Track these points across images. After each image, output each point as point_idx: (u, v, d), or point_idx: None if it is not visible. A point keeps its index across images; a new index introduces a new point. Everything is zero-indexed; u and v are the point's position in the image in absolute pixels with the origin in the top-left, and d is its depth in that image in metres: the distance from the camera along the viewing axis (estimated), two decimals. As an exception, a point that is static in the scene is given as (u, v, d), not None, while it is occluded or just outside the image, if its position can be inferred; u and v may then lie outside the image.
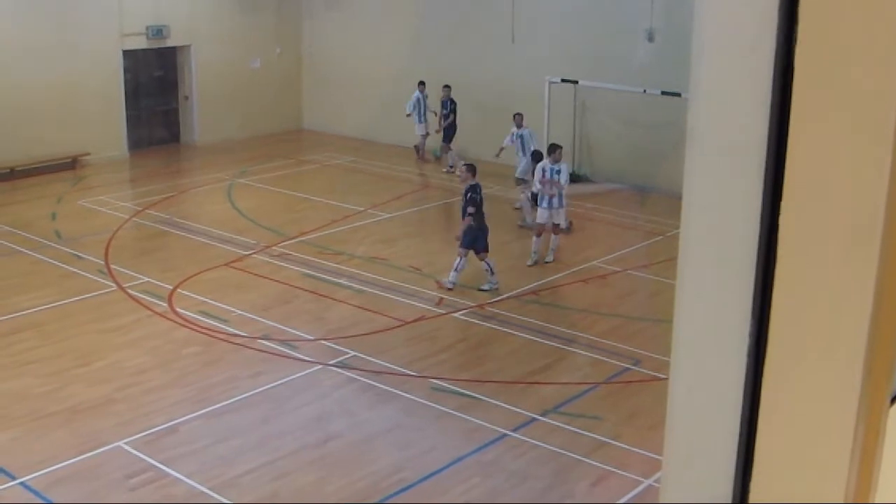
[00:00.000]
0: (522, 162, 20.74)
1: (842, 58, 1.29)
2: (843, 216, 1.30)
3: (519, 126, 20.96)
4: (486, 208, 16.53)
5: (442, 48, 25.99)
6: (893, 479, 1.41)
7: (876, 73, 1.27)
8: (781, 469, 1.40)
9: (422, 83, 25.01)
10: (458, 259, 16.14)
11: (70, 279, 16.69)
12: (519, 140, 20.81)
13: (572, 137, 23.47)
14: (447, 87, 24.58)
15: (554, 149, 17.82)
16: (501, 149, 21.49)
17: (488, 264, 16.19)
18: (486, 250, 16.22)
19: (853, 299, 1.30)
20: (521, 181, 20.72)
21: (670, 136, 20.86)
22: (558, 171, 17.55)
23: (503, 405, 12.38)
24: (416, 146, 25.51)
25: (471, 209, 16.10)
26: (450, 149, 24.35)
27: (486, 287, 16.19)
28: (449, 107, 24.47)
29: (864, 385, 1.31)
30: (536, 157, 19.79)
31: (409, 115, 24.96)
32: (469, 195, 16.21)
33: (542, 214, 17.54)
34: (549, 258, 17.51)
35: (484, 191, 16.77)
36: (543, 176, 17.50)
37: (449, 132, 24.46)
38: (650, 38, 21.95)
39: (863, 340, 1.30)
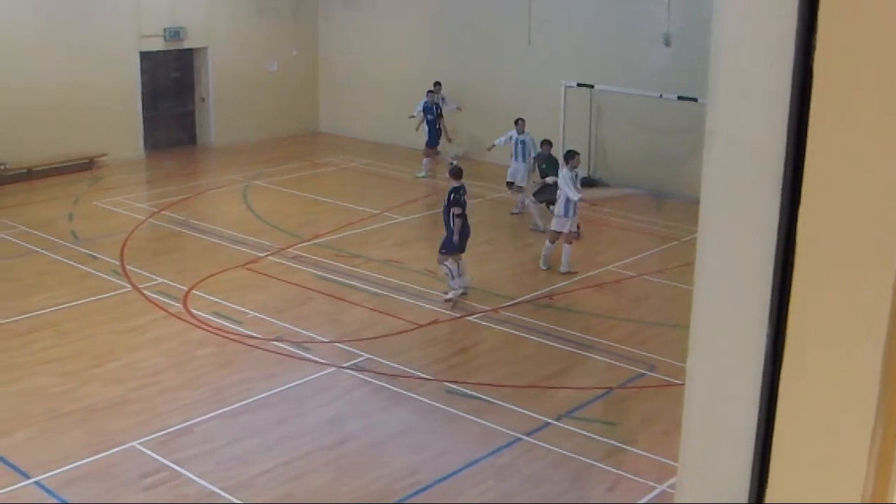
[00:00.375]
0: (521, 168, 20.76)
1: (861, 63, 1.29)
2: (862, 221, 1.30)
3: (521, 132, 20.93)
4: (478, 212, 16.42)
5: (458, 51, 25.99)
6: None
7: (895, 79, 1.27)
8: (798, 472, 1.39)
9: (437, 83, 25.01)
10: (455, 264, 16.15)
11: (86, 279, 16.75)
12: (521, 146, 20.78)
13: (588, 142, 23.45)
14: (432, 91, 24.58)
15: (573, 155, 17.65)
16: (493, 145, 21.72)
17: (448, 268, 16.01)
18: (460, 252, 16.14)
19: (872, 304, 1.30)
20: (519, 188, 20.73)
21: (686, 140, 20.83)
22: (576, 177, 17.47)
23: (517, 409, 12.37)
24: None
25: (456, 210, 15.97)
26: (437, 152, 24.32)
27: (450, 296, 15.94)
28: (435, 111, 24.41)
29: (882, 387, 1.31)
30: (545, 146, 19.87)
31: (412, 117, 24.90)
32: (452, 196, 16.07)
33: (563, 223, 17.37)
34: (568, 268, 17.36)
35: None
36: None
37: (434, 135, 24.45)
38: (667, 43, 21.91)
39: (881, 342, 1.30)
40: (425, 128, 24.40)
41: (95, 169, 24.76)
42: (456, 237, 15.96)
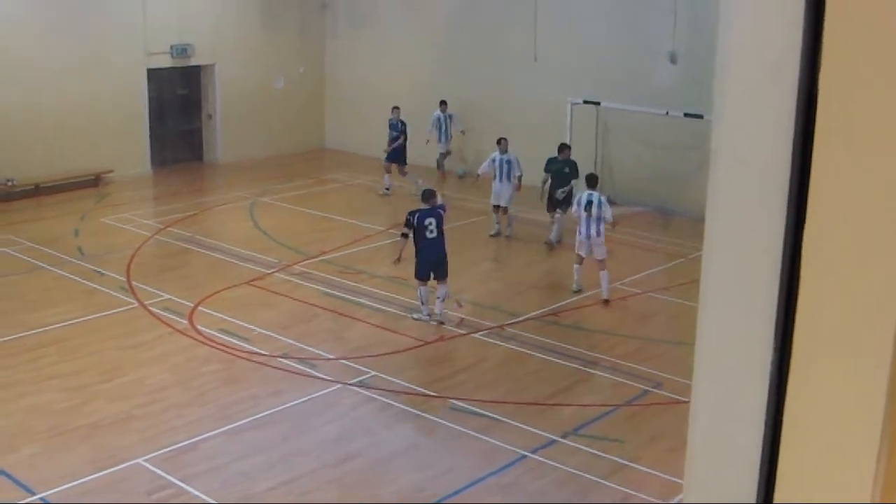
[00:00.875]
0: (507, 188, 20.29)
1: (867, 80, 1.29)
2: (867, 237, 1.31)
3: (504, 152, 20.46)
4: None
5: (464, 68, 26.06)
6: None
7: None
8: (807, 475, 1.40)
9: (443, 102, 25.11)
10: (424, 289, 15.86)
11: (92, 296, 16.77)
12: (506, 165, 20.29)
13: (594, 159, 23.46)
14: (396, 108, 24.51)
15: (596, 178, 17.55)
16: (478, 175, 21.22)
17: (420, 294, 15.78)
18: (425, 279, 15.79)
19: (878, 319, 1.30)
20: (504, 209, 20.35)
21: (693, 158, 20.84)
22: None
23: (523, 426, 12.35)
24: (437, 163, 25.59)
25: (404, 230, 15.86)
26: (405, 172, 24.20)
27: (414, 315, 15.80)
28: (399, 128, 24.36)
29: (889, 399, 1.31)
30: (565, 151, 20.04)
31: (427, 142, 24.97)
32: (406, 218, 15.90)
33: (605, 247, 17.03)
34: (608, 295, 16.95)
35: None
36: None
37: (397, 154, 24.27)
38: (673, 60, 21.93)
39: (888, 354, 1.30)
40: (390, 144, 24.37)
41: (102, 185, 24.81)
42: (399, 260, 15.90)
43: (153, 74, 26.18)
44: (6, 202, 22.83)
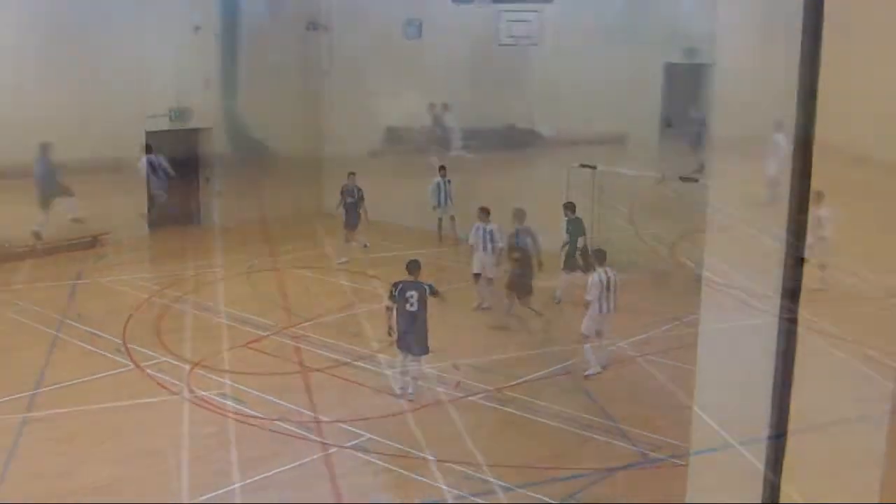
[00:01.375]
0: (489, 259, 19.99)
1: (858, 138, 1.33)
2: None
3: (486, 222, 20.13)
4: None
5: (461, 131, 26.23)
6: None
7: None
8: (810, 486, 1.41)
9: (442, 167, 25.22)
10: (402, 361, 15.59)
11: (88, 357, 16.72)
12: (488, 236, 20.01)
13: (590, 222, 23.49)
14: (352, 174, 24.28)
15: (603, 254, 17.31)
16: (471, 245, 20.61)
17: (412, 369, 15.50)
18: (414, 353, 15.41)
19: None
20: (488, 279, 20.01)
21: (687, 220, 20.87)
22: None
23: (520, 490, 12.27)
24: (438, 228, 25.69)
25: (386, 303, 15.52)
26: (355, 237, 24.18)
27: (409, 390, 15.38)
28: (356, 194, 24.26)
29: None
30: (570, 210, 20.38)
31: (435, 208, 25.14)
32: (390, 290, 15.54)
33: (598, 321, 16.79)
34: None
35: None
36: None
37: (352, 220, 24.17)
38: (668, 125, 22.09)
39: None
40: (342, 210, 24.28)
41: (99, 247, 24.83)
42: (391, 331, 15.51)
43: (151, 137, 26.26)
44: (3, 263, 22.83)
